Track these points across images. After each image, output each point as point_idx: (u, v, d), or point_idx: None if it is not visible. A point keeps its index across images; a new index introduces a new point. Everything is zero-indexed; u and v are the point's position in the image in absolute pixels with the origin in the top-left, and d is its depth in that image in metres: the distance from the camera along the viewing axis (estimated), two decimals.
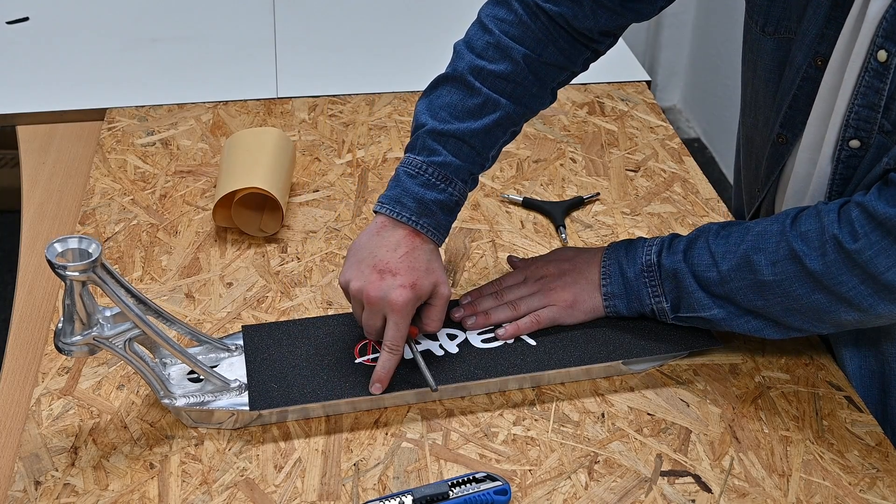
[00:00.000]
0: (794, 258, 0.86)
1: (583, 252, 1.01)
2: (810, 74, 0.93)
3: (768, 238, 0.88)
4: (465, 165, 0.94)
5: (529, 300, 0.98)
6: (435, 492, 0.81)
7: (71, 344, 0.81)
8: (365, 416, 0.91)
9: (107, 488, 0.83)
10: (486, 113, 0.95)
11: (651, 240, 0.96)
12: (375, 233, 0.92)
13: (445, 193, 0.93)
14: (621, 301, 0.96)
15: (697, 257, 0.92)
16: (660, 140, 1.35)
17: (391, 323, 0.89)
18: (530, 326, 0.96)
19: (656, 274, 0.94)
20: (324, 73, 1.50)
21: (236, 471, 0.85)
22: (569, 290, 0.97)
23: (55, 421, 0.89)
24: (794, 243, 0.86)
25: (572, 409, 0.92)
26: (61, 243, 0.78)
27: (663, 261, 0.93)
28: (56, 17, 1.64)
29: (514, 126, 0.98)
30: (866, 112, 0.86)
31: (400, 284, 0.89)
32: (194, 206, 1.19)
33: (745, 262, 0.89)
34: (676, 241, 0.94)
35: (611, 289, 0.96)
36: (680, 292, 0.93)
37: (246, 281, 1.06)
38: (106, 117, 1.36)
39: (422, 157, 0.94)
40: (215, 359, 0.93)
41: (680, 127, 2.98)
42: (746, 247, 0.89)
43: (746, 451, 0.88)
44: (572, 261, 1.00)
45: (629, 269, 0.95)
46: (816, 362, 0.98)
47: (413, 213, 0.92)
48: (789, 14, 0.94)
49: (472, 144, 0.94)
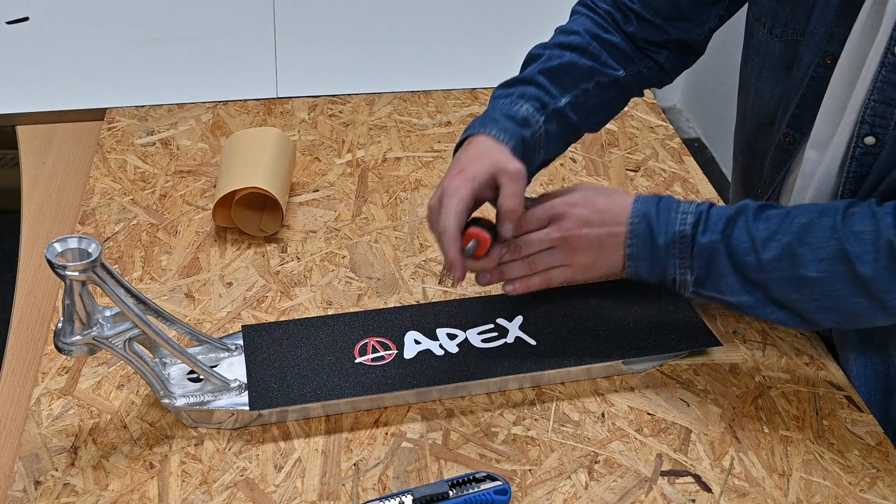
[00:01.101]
0: (843, 258, 0.82)
1: (613, 202, 0.92)
2: (819, 74, 0.93)
3: (817, 231, 0.84)
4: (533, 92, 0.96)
5: (548, 257, 0.91)
6: (435, 492, 0.81)
7: (71, 344, 0.81)
8: (365, 416, 0.91)
9: (107, 488, 0.83)
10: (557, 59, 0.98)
11: (686, 206, 0.90)
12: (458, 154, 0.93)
13: (508, 106, 0.94)
14: (644, 264, 0.90)
15: (737, 238, 0.86)
16: (660, 140, 1.35)
17: (444, 207, 0.86)
18: (540, 286, 0.92)
19: (688, 247, 0.88)
20: (324, 73, 1.50)
21: (236, 471, 0.85)
22: (591, 252, 0.91)
23: (55, 421, 0.89)
24: (847, 243, 0.82)
25: (572, 408, 0.92)
26: (61, 243, 0.78)
27: (699, 237, 0.88)
28: (56, 17, 1.64)
29: (584, 82, 0.99)
30: (882, 108, 0.85)
31: (453, 173, 0.87)
32: (194, 206, 1.19)
33: (789, 254, 0.84)
34: (715, 216, 0.88)
35: (636, 251, 0.90)
36: (710, 271, 0.88)
37: (246, 281, 1.06)
38: (106, 117, 1.36)
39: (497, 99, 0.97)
40: (215, 359, 0.93)
41: (680, 127, 2.98)
42: (791, 238, 0.84)
43: (746, 451, 0.88)
44: (602, 214, 0.91)
45: (659, 236, 0.89)
46: (816, 362, 0.98)
47: (475, 126, 0.92)
48: (797, 16, 0.94)
49: (539, 83, 0.96)
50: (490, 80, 1.36)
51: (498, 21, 1.67)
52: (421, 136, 1.34)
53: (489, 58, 1.54)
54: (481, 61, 1.52)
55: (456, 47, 1.59)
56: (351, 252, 1.12)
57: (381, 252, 1.12)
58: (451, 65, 1.53)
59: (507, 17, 1.69)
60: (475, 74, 1.49)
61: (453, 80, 1.48)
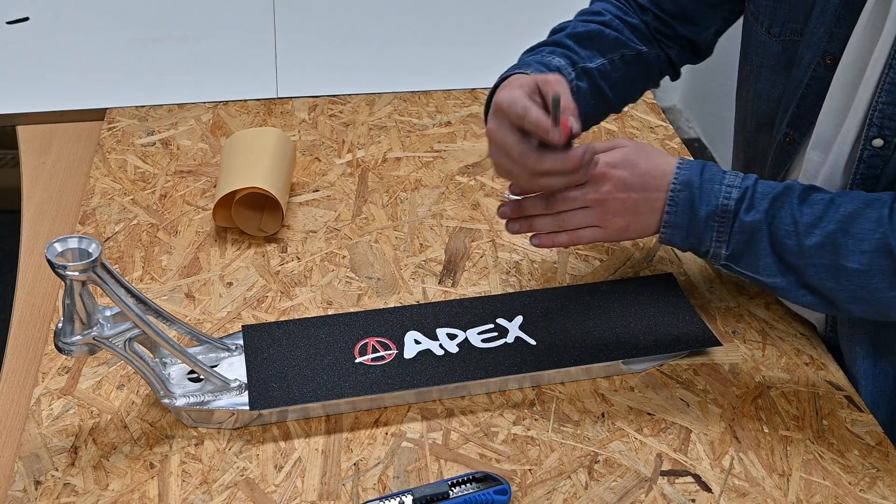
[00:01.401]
0: (888, 253, 0.81)
1: (655, 165, 0.89)
2: (819, 73, 0.93)
3: (862, 223, 0.83)
4: (561, 52, 1.00)
5: (580, 216, 0.89)
6: (435, 491, 0.81)
7: (71, 344, 0.81)
8: (365, 416, 0.91)
9: (107, 488, 0.83)
10: (583, 27, 1.03)
11: (731, 178, 0.88)
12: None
13: (539, 57, 0.98)
14: (680, 233, 0.89)
15: (781, 220, 0.85)
16: (660, 140, 1.35)
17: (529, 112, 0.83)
18: (567, 244, 0.91)
19: (729, 222, 0.87)
20: (324, 73, 1.50)
21: (236, 470, 0.85)
22: (626, 216, 0.89)
23: (55, 421, 0.89)
24: (892, 238, 0.81)
25: (572, 408, 0.92)
26: (61, 243, 0.78)
27: (743, 214, 0.86)
28: (56, 17, 1.64)
29: (623, 48, 1.03)
30: (891, 109, 0.84)
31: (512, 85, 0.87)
32: (194, 206, 1.19)
33: (832, 243, 0.83)
34: (760, 193, 0.86)
35: (674, 218, 0.88)
36: (747, 249, 0.87)
37: (246, 281, 1.06)
38: (106, 117, 1.37)
39: (525, 55, 1.02)
40: (215, 358, 0.93)
41: (680, 127, 2.98)
42: (836, 227, 0.83)
43: (746, 451, 0.88)
44: (643, 178, 0.89)
45: (701, 207, 0.87)
46: (816, 362, 0.98)
47: (514, 67, 0.96)
48: (796, 15, 0.94)
49: (567, 45, 1.01)
50: (490, 81, 1.36)
51: (498, 21, 1.67)
52: (421, 136, 1.34)
53: (489, 58, 1.54)
54: (481, 61, 1.52)
55: (456, 47, 1.59)
56: (351, 252, 1.12)
57: (381, 252, 1.12)
58: (451, 65, 1.53)
59: (507, 17, 1.69)
60: (475, 74, 1.49)
61: (453, 80, 1.48)
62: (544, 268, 1.10)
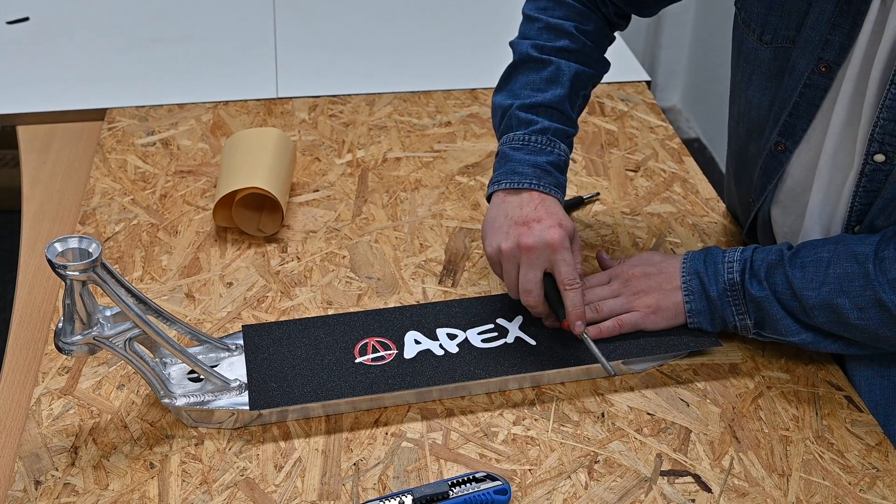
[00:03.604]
0: (881, 307, 0.87)
1: (669, 258, 0.99)
2: (813, 81, 0.92)
3: (852, 281, 0.88)
4: (562, 128, 0.98)
5: (612, 303, 0.97)
6: (435, 491, 0.81)
7: (71, 343, 0.81)
8: (365, 416, 0.91)
9: (107, 488, 0.84)
10: (563, 78, 0.99)
11: (730, 253, 0.95)
12: (500, 203, 0.95)
13: (554, 154, 0.96)
14: (705, 318, 0.95)
15: (780, 286, 0.91)
16: (660, 140, 1.35)
17: (559, 262, 0.90)
18: (612, 331, 0.96)
19: (740, 295, 0.93)
20: (324, 73, 1.50)
21: (236, 470, 0.85)
22: (652, 295, 0.96)
23: (55, 421, 0.89)
24: (883, 293, 0.86)
25: (572, 408, 0.92)
26: (61, 243, 0.78)
27: (748, 286, 0.92)
28: (56, 17, 1.64)
29: (584, 89, 1.02)
30: (892, 126, 0.85)
31: (550, 225, 0.90)
32: (194, 206, 1.19)
33: (830, 306, 0.89)
34: (758, 263, 0.93)
35: (694, 306, 0.95)
36: (765, 316, 0.93)
37: (246, 281, 1.06)
38: (106, 117, 1.37)
39: (521, 130, 0.97)
40: (215, 358, 0.93)
41: (680, 127, 2.98)
42: (829, 289, 0.88)
43: (746, 451, 0.88)
44: (658, 265, 0.98)
45: (712, 288, 0.94)
46: (816, 362, 0.98)
47: (533, 178, 0.94)
48: (788, 22, 0.94)
49: (562, 109, 0.99)
50: (490, 81, 1.36)
51: (497, 22, 1.67)
52: (421, 136, 1.34)
53: (489, 58, 1.54)
54: (481, 62, 1.52)
55: (456, 48, 1.59)
56: (351, 252, 1.12)
57: (382, 252, 1.12)
58: (451, 65, 1.53)
59: (507, 17, 1.69)
60: (475, 75, 1.49)
61: (453, 80, 1.48)
62: None
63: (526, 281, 0.92)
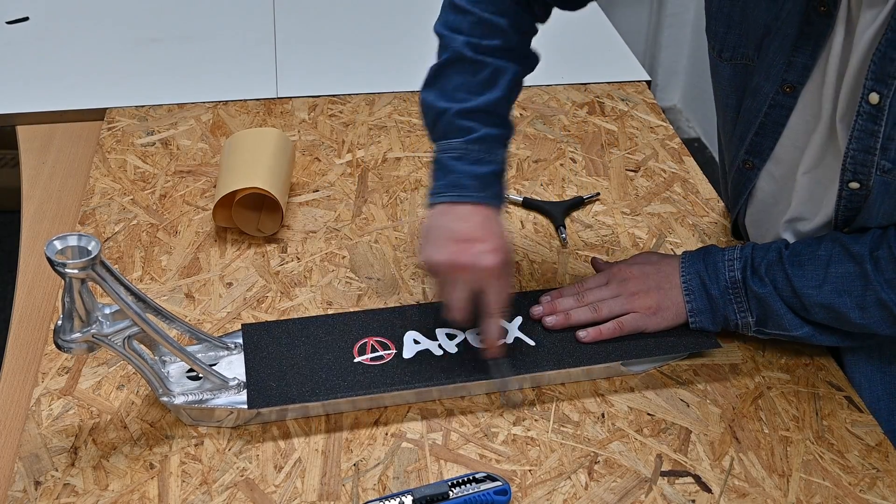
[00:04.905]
0: (882, 306, 0.88)
1: (667, 257, 1.00)
2: (779, 101, 0.93)
3: (851, 281, 0.88)
4: (501, 133, 0.96)
5: (611, 303, 0.96)
6: (435, 492, 0.81)
7: (70, 341, 0.81)
8: (365, 416, 0.91)
9: (107, 488, 0.83)
10: (499, 80, 0.96)
11: (730, 252, 0.95)
12: (441, 214, 0.92)
13: (495, 164, 0.94)
14: (706, 317, 0.96)
15: (781, 283, 0.92)
16: (660, 140, 1.35)
17: (489, 287, 0.89)
18: (613, 332, 0.95)
19: (742, 292, 0.93)
20: (324, 73, 1.50)
21: (236, 471, 0.85)
22: (652, 295, 0.96)
23: (55, 421, 0.89)
24: (882, 293, 0.87)
25: (572, 409, 0.92)
26: (61, 241, 0.78)
27: (750, 283, 0.93)
28: (56, 17, 1.64)
29: (518, 87, 1.00)
30: (862, 156, 0.86)
31: (488, 249, 0.88)
32: (194, 206, 1.19)
33: (830, 307, 0.90)
34: (758, 260, 0.93)
35: (695, 305, 0.95)
36: (767, 312, 0.93)
37: (246, 281, 1.06)
38: (106, 117, 1.36)
39: (459, 139, 0.94)
40: (214, 357, 0.93)
41: (680, 127, 2.98)
42: (830, 289, 0.89)
43: (746, 451, 0.88)
44: (657, 265, 0.98)
45: (713, 287, 0.94)
46: (816, 362, 0.98)
47: (475, 191, 0.92)
48: (747, 41, 0.93)
49: (499, 112, 0.96)
50: None
51: None
52: (421, 136, 1.34)
53: None
54: None
55: None
56: (351, 252, 1.12)
57: (381, 252, 1.12)
58: None
59: None
60: None
61: None
62: (544, 268, 1.09)
63: (453, 299, 0.90)
